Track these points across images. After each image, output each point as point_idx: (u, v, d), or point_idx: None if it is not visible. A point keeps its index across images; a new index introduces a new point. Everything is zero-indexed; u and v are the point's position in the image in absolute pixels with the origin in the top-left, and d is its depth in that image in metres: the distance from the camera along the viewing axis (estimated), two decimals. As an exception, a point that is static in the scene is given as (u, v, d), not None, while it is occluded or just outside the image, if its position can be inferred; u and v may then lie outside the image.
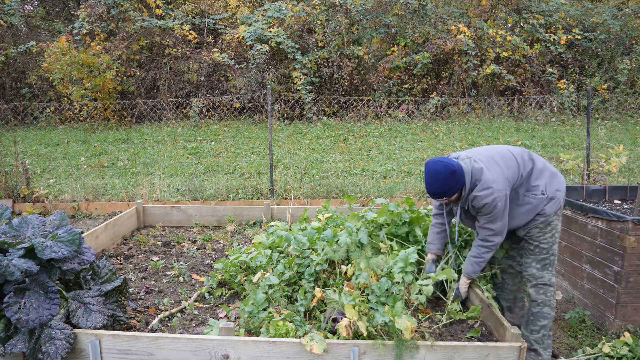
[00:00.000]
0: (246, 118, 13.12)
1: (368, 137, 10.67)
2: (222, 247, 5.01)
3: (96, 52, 12.06)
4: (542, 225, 2.85)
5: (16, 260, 2.69)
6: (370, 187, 6.73)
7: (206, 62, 13.22)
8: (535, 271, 2.91)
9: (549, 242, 2.88)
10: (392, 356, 2.57)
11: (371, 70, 13.34)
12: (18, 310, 2.62)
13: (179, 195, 6.63)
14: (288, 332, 2.74)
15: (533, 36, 13.51)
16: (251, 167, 8.22)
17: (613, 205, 4.11)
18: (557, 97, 12.85)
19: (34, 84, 13.43)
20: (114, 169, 8.46)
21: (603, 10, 14.03)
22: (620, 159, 4.92)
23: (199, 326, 3.28)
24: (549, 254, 2.89)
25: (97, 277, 3.18)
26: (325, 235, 3.58)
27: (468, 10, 13.87)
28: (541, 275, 2.90)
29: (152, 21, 12.96)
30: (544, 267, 2.90)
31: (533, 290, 2.94)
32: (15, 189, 6.61)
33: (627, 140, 10.01)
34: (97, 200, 6.69)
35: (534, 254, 2.91)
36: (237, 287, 3.71)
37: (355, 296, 2.90)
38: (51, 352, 2.61)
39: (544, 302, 2.91)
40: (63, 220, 3.16)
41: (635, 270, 3.13)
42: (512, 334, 2.59)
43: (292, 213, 5.62)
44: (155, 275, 4.24)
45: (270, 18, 13.34)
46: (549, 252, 2.89)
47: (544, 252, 2.89)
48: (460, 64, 12.96)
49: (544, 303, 2.91)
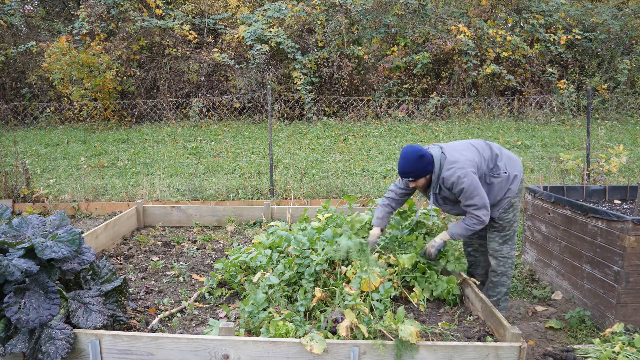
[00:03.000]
0: (246, 118, 13.12)
1: (368, 137, 10.67)
2: (222, 247, 5.01)
3: (96, 52, 12.06)
4: (507, 205, 3.26)
5: (16, 260, 2.69)
6: (370, 187, 6.73)
7: (206, 62, 13.22)
8: (497, 245, 3.34)
9: (510, 220, 3.29)
10: (392, 356, 2.57)
11: (371, 70, 13.34)
12: (18, 310, 2.61)
13: (179, 195, 6.63)
14: (288, 332, 2.74)
15: (533, 36, 13.52)
16: (251, 167, 8.22)
17: (613, 205, 4.11)
18: (557, 97, 12.85)
19: (34, 84, 13.43)
20: (114, 169, 8.46)
21: (603, 10, 14.03)
22: (620, 159, 4.93)
23: (199, 326, 3.28)
24: (510, 230, 3.32)
25: (97, 277, 3.18)
26: (325, 235, 3.58)
27: (468, 10, 13.87)
28: (501, 248, 3.33)
29: (152, 21, 12.96)
30: (505, 241, 3.33)
31: (494, 262, 3.36)
32: (15, 189, 6.61)
33: (627, 140, 10.01)
34: (97, 200, 6.69)
35: (497, 230, 3.32)
36: (237, 287, 3.71)
37: (356, 296, 2.90)
38: (51, 352, 2.61)
39: (502, 273, 3.34)
40: (63, 220, 3.15)
41: (635, 270, 3.13)
42: (512, 334, 2.59)
43: (292, 213, 5.62)
44: (155, 275, 4.24)
45: (270, 18, 13.34)
46: (510, 228, 3.31)
47: (506, 229, 3.31)
48: (460, 64, 12.96)
49: (502, 273, 3.35)
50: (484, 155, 3.20)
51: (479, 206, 3.09)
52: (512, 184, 3.21)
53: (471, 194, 3.06)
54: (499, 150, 3.28)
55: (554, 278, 4.01)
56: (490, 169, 3.19)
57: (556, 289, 3.98)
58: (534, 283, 4.23)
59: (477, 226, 3.15)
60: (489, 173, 3.19)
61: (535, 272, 4.35)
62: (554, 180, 6.49)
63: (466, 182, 3.03)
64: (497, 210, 3.25)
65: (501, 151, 3.28)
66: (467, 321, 3.23)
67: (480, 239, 3.57)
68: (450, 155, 3.12)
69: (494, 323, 2.93)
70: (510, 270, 3.33)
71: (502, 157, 3.24)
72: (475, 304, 3.27)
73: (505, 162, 3.22)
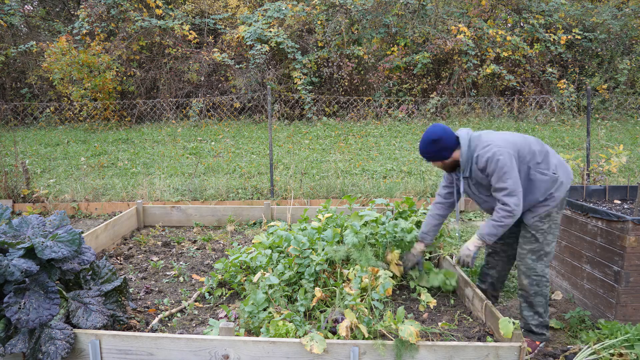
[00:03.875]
0: (246, 118, 13.12)
1: (368, 137, 10.67)
2: (222, 247, 5.01)
3: (96, 52, 12.06)
4: (543, 214, 2.91)
5: (16, 260, 2.69)
6: (370, 187, 6.73)
7: (206, 62, 13.22)
8: (530, 262, 2.98)
9: (545, 233, 2.93)
10: (392, 356, 2.57)
11: (371, 70, 13.34)
12: (18, 310, 2.61)
13: (179, 195, 6.63)
14: (288, 332, 2.74)
15: (533, 36, 13.52)
16: (251, 167, 8.22)
17: (613, 205, 4.11)
18: (557, 97, 12.85)
19: (34, 84, 13.43)
20: (114, 169, 8.46)
21: (603, 10, 14.03)
22: (620, 159, 4.92)
23: (199, 326, 3.28)
24: (544, 244, 2.95)
25: (97, 277, 3.18)
26: (325, 235, 3.58)
27: (468, 10, 13.87)
28: (535, 266, 2.97)
29: (152, 21, 12.96)
30: (539, 258, 2.97)
31: (527, 281, 3.00)
32: (15, 189, 6.60)
33: (627, 140, 10.01)
34: (97, 200, 6.69)
35: (530, 242, 2.97)
36: (237, 287, 3.71)
37: (356, 296, 2.90)
38: (51, 352, 2.61)
39: (536, 293, 3.00)
40: (63, 220, 3.15)
41: (635, 270, 3.13)
42: (512, 335, 2.59)
43: (292, 213, 5.62)
44: (155, 275, 4.24)
45: (270, 18, 13.34)
46: (544, 242, 2.95)
47: (539, 241, 2.95)
48: (460, 64, 12.96)
49: (536, 294, 3.00)
50: (532, 146, 2.89)
51: (510, 191, 2.77)
52: (557, 191, 2.88)
53: (504, 175, 2.76)
54: (553, 152, 2.99)
55: (554, 278, 4.01)
56: (537, 163, 2.87)
57: (556, 289, 3.98)
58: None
59: (507, 219, 2.83)
60: (534, 167, 2.87)
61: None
62: (554, 180, 6.47)
63: (502, 160, 2.74)
64: (532, 217, 2.93)
65: (555, 154, 3.00)
66: (467, 321, 3.23)
67: (505, 245, 3.28)
68: (487, 135, 2.91)
69: (494, 323, 2.93)
70: (545, 289, 2.99)
71: (555, 158, 2.96)
72: (475, 304, 3.27)
73: (557, 163, 2.93)
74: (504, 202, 2.81)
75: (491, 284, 3.48)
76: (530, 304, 3.03)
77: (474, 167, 2.91)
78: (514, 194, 2.78)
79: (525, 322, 3.08)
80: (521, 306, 3.11)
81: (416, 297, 3.56)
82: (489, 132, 2.97)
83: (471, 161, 2.91)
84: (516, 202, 2.79)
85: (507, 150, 2.79)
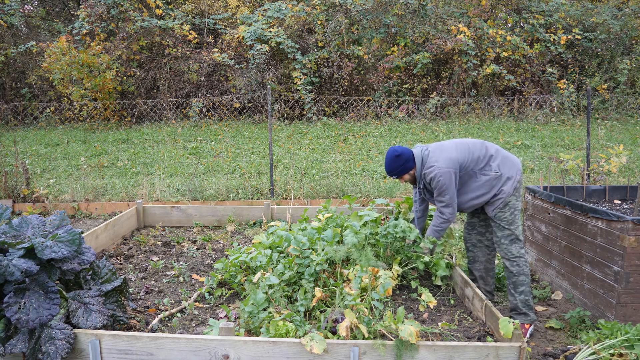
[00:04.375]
0: (246, 118, 13.12)
1: (368, 137, 10.67)
2: (222, 247, 5.01)
3: (96, 52, 12.06)
4: (502, 205, 3.37)
5: (16, 260, 2.69)
6: (370, 187, 6.73)
7: (206, 62, 13.22)
8: (505, 246, 3.43)
9: (509, 220, 3.39)
10: (392, 356, 2.57)
11: (371, 70, 13.34)
12: (18, 310, 2.61)
13: (179, 195, 6.63)
14: (288, 332, 2.74)
15: (533, 36, 13.51)
16: (251, 167, 8.22)
17: (613, 205, 4.12)
18: (557, 97, 12.85)
19: (34, 84, 13.43)
20: (114, 169, 8.46)
21: (603, 10, 14.03)
22: (620, 159, 4.92)
23: (199, 326, 3.28)
24: (511, 230, 3.39)
25: (97, 277, 3.18)
26: (325, 235, 3.58)
27: (468, 10, 13.87)
28: (509, 249, 3.40)
29: (152, 21, 12.96)
30: (511, 241, 3.40)
31: (508, 263, 3.44)
32: (15, 189, 6.60)
33: (627, 140, 10.01)
34: (97, 200, 6.69)
35: (500, 229, 3.42)
36: (237, 287, 3.71)
37: (356, 296, 2.90)
38: (51, 352, 2.61)
39: (518, 272, 3.39)
40: (63, 220, 3.15)
41: (635, 270, 3.13)
42: (512, 335, 2.59)
43: (292, 213, 5.62)
44: (155, 275, 4.24)
45: (270, 18, 13.34)
46: (511, 228, 3.39)
47: (506, 229, 3.40)
48: (460, 64, 12.96)
49: (519, 273, 3.40)
50: (475, 154, 3.39)
51: (446, 203, 3.40)
52: (504, 185, 3.35)
53: (443, 192, 3.36)
54: (496, 152, 3.45)
55: (554, 278, 4.01)
56: (481, 168, 3.39)
57: (556, 288, 3.98)
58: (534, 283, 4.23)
59: (444, 224, 3.51)
60: (478, 171, 3.40)
61: (535, 272, 4.35)
62: (554, 180, 6.49)
63: (442, 180, 3.32)
64: (492, 210, 3.41)
65: (498, 153, 3.45)
66: (467, 321, 3.23)
67: (479, 235, 3.72)
68: (433, 153, 3.42)
69: (494, 323, 2.93)
70: (525, 268, 3.40)
71: (497, 158, 3.42)
72: (475, 304, 3.27)
73: (499, 163, 3.40)
74: (442, 211, 3.47)
75: (481, 278, 3.77)
76: (515, 283, 3.41)
77: (424, 180, 3.48)
78: (450, 205, 3.42)
79: (511, 302, 3.44)
80: (508, 290, 3.48)
81: (416, 297, 3.56)
82: (436, 150, 3.45)
83: (420, 175, 3.49)
84: (451, 211, 3.45)
85: (448, 170, 3.31)
